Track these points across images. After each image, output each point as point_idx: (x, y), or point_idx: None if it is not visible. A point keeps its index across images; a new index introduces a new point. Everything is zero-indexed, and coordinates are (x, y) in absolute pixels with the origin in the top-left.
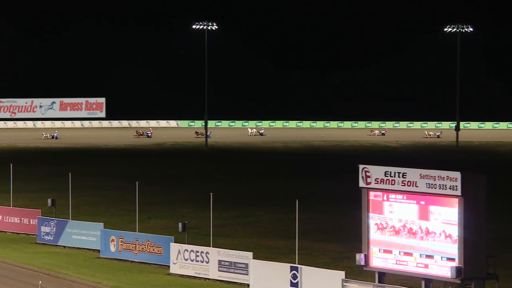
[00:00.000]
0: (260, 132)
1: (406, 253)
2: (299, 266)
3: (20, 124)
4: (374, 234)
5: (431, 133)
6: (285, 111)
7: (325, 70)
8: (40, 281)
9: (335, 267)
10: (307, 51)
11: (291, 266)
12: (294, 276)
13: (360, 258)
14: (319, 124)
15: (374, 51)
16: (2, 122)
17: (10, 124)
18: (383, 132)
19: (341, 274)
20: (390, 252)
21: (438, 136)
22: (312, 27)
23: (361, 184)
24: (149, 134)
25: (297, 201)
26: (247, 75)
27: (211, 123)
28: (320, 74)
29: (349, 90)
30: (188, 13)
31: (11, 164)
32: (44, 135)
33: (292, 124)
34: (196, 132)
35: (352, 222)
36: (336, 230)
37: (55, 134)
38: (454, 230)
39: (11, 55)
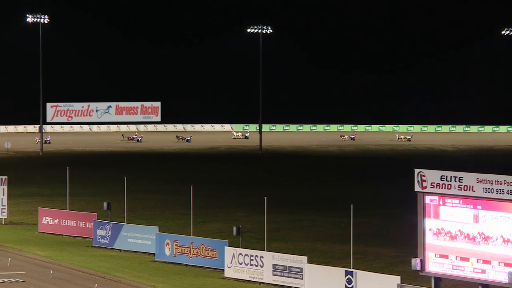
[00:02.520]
0: (245, 135)
1: (462, 258)
2: (354, 270)
3: (76, 128)
4: (430, 239)
5: (402, 136)
6: (339, 114)
7: (380, 72)
8: (96, 284)
9: (390, 272)
10: (358, 53)
11: (346, 271)
12: (349, 281)
13: (416, 263)
14: (374, 128)
15: (428, 53)
16: (59, 126)
17: (67, 128)
18: (352, 137)
19: (397, 279)
20: (446, 257)
21: (409, 140)
22: (362, 28)
23: (417, 188)
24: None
25: (351, 205)
26: (301, 79)
27: (265, 127)
28: (374, 76)
29: (401, 93)
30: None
31: (67, 167)
32: (38, 140)
33: (347, 128)
34: (177, 137)
35: (407, 227)
36: (392, 235)
37: (47, 139)
38: None
39: (68, 59)
